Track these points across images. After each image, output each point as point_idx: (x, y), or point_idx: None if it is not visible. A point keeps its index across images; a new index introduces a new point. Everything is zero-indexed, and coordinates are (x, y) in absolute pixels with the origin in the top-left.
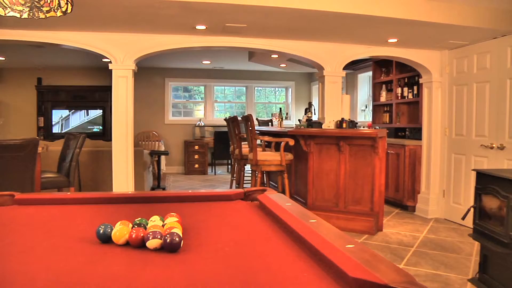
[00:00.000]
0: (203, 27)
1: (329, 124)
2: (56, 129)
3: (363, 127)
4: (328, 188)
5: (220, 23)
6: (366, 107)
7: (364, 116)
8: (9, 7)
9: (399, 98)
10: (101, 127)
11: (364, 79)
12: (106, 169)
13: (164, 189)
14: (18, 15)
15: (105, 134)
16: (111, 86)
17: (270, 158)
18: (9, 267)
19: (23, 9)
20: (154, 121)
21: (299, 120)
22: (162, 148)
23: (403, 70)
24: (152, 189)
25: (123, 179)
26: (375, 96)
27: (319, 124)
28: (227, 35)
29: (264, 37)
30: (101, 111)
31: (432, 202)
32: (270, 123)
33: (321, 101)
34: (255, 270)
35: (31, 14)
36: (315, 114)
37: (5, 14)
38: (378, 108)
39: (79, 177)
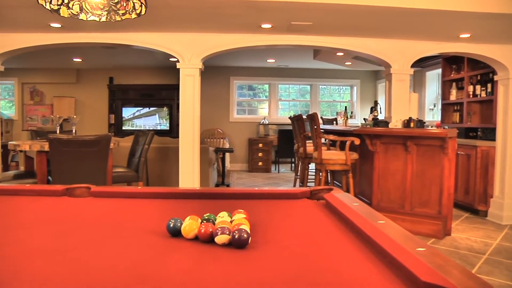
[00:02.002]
0: (268, 26)
1: (396, 123)
2: (127, 126)
3: (431, 126)
4: (394, 189)
5: (286, 22)
6: (434, 106)
7: (432, 116)
8: (90, 11)
9: (471, 96)
10: (167, 124)
11: (433, 77)
12: (172, 165)
13: (228, 186)
14: (97, 19)
15: (171, 131)
16: (177, 85)
17: (335, 157)
18: (86, 255)
19: (102, 13)
20: (219, 119)
21: (364, 119)
22: (227, 146)
23: (476, 67)
24: (217, 185)
25: (189, 175)
26: (445, 94)
27: (385, 123)
28: (292, 33)
29: (329, 35)
30: (168, 108)
31: (507, 207)
32: (334, 122)
33: (387, 100)
34: (322, 270)
35: (108, 17)
36: (381, 113)
37: (86, 19)
38: (447, 107)
39: (147, 173)
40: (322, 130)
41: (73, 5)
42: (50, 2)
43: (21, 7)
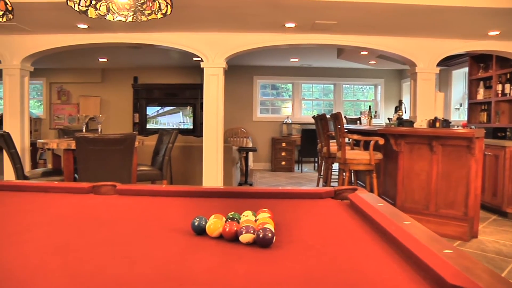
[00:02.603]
0: (292, 25)
1: (421, 123)
2: (150, 125)
3: (457, 126)
4: (419, 190)
5: (310, 21)
6: (460, 106)
7: (459, 115)
8: (116, 12)
9: (499, 95)
10: (190, 123)
11: (459, 76)
12: (196, 164)
13: (251, 185)
14: (124, 19)
15: (195, 130)
16: (201, 84)
17: (359, 157)
18: (113, 252)
19: (128, 14)
20: (242, 118)
21: (388, 118)
22: (250, 145)
23: (505, 65)
24: (240, 184)
25: (212, 174)
26: (472, 93)
27: (410, 123)
28: (316, 32)
29: (353, 34)
30: (191, 108)
31: None
32: (358, 121)
33: (412, 99)
34: (347, 270)
35: (134, 17)
36: (405, 112)
37: (113, 19)
38: (474, 107)
39: (171, 171)
40: (346, 130)
41: (100, 6)
42: (79, 4)
43: (50, 9)
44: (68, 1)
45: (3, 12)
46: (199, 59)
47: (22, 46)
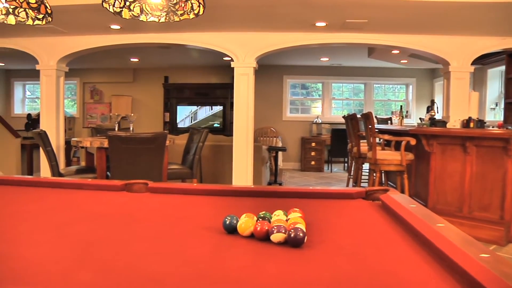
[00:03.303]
0: (323, 24)
1: (454, 123)
2: (181, 124)
3: (492, 127)
4: (451, 192)
5: (340, 19)
6: (496, 105)
7: (494, 115)
8: (149, 13)
9: None
10: (219, 122)
11: (495, 74)
12: (225, 163)
13: (280, 184)
14: (156, 20)
15: (225, 129)
16: (231, 83)
17: (390, 157)
18: (146, 248)
19: (161, 14)
20: (272, 117)
21: (420, 118)
22: (280, 144)
23: None
24: (269, 184)
25: (242, 173)
26: (509, 92)
27: (443, 123)
28: (347, 31)
29: (385, 33)
30: (221, 107)
31: None
32: (389, 121)
33: (445, 99)
34: (379, 272)
35: (167, 18)
36: (438, 112)
37: (146, 20)
38: (511, 106)
39: (201, 170)
40: (377, 130)
41: (134, 7)
42: (113, 5)
43: (85, 11)
44: (104, 3)
45: (43, 15)
46: (230, 58)
47: (58, 47)
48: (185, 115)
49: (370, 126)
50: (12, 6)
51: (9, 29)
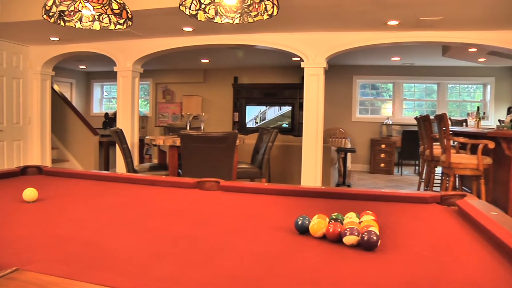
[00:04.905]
0: (395, 22)
1: None
2: (250, 124)
3: None
4: None
5: (414, 17)
6: None
7: None
8: (224, 15)
9: None
10: (288, 122)
11: None
12: (294, 163)
13: (349, 186)
14: (231, 21)
15: (293, 129)
16: (300, 84)
17: (465, 161)
18: (219, 245)
19: (235, 16)
20: (341, 118)
21: (499, 120)
22: (348, 146)
23: None
24: (337, 185)
25: (311, 174)
26: None
27: None
28: (420, 29)
29: (461, 30)
30: (290, 107)
31: None
32: (464, 123)
33: None
34: (457, 280)
35: (241, 19)
36: None
37: (221, 22)
38: None
39: (269, 170)
40: (451, 132)
41: (209, 9)
42: (189, 8)
43: (161, 14)
44: (180, 6)
45: (124, 20)
46: (298, 59)
47: (134, 50)
48: (254, 115)
49: (444, 128)
50: (98, 13)
51: (91, 34)
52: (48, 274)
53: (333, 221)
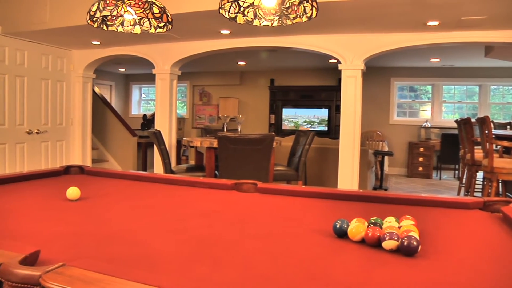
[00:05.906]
0: (435, 23)
1: None
2: (285, 126)
3: None
4: None
5: (455, 17)
6: None
7: None
8: (263, 17)
9: None
10: (324, 125)
11: None
12: (330, 166)
13: (386, 190)
14: (269, 24)
15: (330, 132)
16: (336, 86)
17: (510, 166)
18: (258, 247)
19: (274, 18)
20: (378, 120)
21: None
22: (386, 149)
23: None
24: (374, 189)
25: (348, 177)
26: None
27: None
28: (462, 29)
29: (507, 29)
30: (326, 109)
31: None
32: (508, 127)
33: None
34: None
35: (280, 22)
36: None
37: (260, 24)
38: None
39: (306, 172)
40: (494, 135)
41: (248, 12)
42: (229, 11)
43: (200, 18)
44: (220, 10)
45: (164, 23)
46: (335, 61)
47: (172, 52)
48: (290, 117)
49: (486, 132)
50: (139, 17)
51: (130, 38)
52: (93, 270)
53: (372, 225)
